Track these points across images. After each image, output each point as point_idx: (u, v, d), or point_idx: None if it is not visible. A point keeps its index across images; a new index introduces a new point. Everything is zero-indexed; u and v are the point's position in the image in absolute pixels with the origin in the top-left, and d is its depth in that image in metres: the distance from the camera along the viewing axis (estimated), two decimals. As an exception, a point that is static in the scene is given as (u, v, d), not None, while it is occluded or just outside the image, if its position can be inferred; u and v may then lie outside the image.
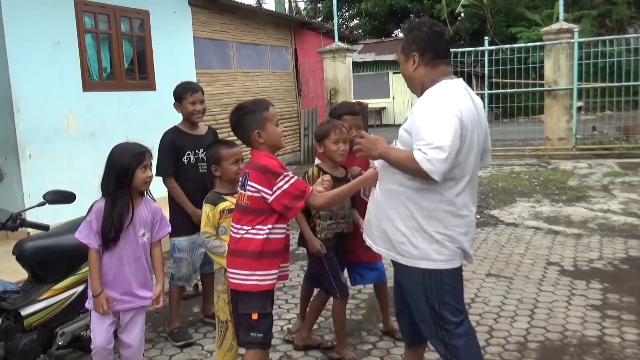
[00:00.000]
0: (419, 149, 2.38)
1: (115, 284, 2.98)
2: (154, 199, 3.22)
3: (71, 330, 3.34)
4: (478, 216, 6.99)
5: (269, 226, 2.72)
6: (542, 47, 11.98)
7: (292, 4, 39.51)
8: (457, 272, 2.64)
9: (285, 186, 2.65)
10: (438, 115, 2.42)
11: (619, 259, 5.32)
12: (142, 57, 7.99)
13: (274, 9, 23.40)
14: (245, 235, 2.74)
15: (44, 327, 3.23)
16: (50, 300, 3.23)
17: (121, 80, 7.57)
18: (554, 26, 11.85)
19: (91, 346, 3.01)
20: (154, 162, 3.37)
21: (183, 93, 4.02)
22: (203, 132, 4.17)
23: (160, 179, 3.98)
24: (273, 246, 2.75)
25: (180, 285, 4.17)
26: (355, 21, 37.57)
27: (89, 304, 3.01)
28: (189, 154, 4.02)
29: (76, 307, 3.31)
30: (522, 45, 12.84)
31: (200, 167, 4.03)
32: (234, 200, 3.22)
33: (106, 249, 2.93)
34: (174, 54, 8.57)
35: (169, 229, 3.24)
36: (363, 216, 3.74)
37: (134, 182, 2.95)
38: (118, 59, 7.49)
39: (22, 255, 3.24)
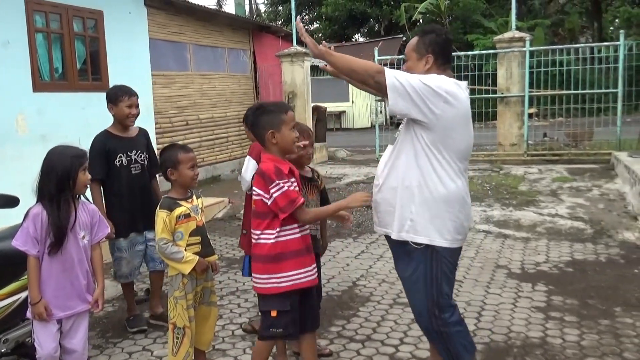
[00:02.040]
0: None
1: (57, 290, 2.93)
2: (89, 201, 3.21)
3: (15, 337, 3.27)
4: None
5: (277, 229, 2.82)
6: (495, 55, 12.27)
7: (253, 6, 39.48)
8: (457, 254, 2.93)
9: (276, 194, 2.76)
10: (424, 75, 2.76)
11: (564, 262, 5.50)
12: (96, 58, 7.86)
13: (234, 11, 23.31)
14: (259, 241, 2.86)
15: (-14, 333, 3.15)
16: (-8, 306, 3.16)
17: (73, 81, 7.43)
18: (507, 35, 12.14)
19: (37, 355, 2.95)
20: None
21: (120, 96, 4.07)
22: (134, 134, 4.24)
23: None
24: (288, 248, 2.83)
25: (128, 282, 4.27)
26: (316, 25, 37.72)
27: (29, 313, 2.95)
28: (120, 157, 4.08)
29: (20, 314, 3.23)
30: (477, 52, 13.12)
31: (133, 169, 4.13)
32: (189, 206, 3.25)
33: (49, 254, 2.88)
34: (129, 55, 8.45)
35: (108, 230, 3.24)
36: (247, 208, 3.94)
37: (77, 184, 2.92)
38: (70, 59, 7.35)
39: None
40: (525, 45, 11.59)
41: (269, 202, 2.78)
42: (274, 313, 2.85)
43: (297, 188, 2.88)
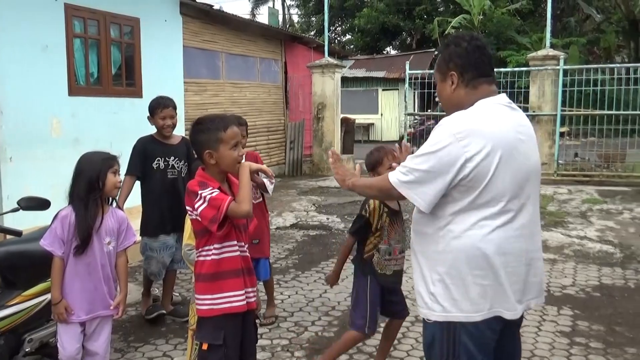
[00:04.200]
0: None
1: (81, 293, 2.98)
2: (120, 208, 3.27)
3: (39, 337, 3.32)
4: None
5: (215, 245, 2.61)
6: (528, 73, 12.15)
7: (286, 16, 39.81)
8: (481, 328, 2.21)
9: (200, 208, 2.51)
10: (430, 139, 2.22)
11: (591, 286, 5.39)
12: (130, 64, 7.99)
13: (267, 21, 23.53)
14: (198, 258, 2.68)
15: (12, 333, 3.21)
16: (19, 306, 3.22)
17: (108, 86, 7.56)
18: (541, 52, 12.03)
19: (59, 356, 3.01)
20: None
21: (156, 108, 4.32)
22: (176, 142, 4.48)
23: (137, 190, 4.39)
24: (225, 267, 2.62)
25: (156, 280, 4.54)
26: (348, 36, 37.86)
27: (53, 314, 3.02)
28: (158, 160, 4.34)
29: (45, 314, 3.29)
30: (509, 70, 13.01)
31: (169, 174, 4.38)
32: None
33: (75, 255, 2.94)
34: (163, 62, 8.58)
35: (135, 239, 3.28)
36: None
37: (106, 185, 2.98)
38: (106, 64, 7.49)
39: (-7, 259, 3.23)
40: (559, 64, 11.45)
41: (199, 218, 2.55)
42: (204, 346, 2.61)
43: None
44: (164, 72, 8.53)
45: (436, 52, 28.28)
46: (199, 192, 2.52)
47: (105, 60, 7.47)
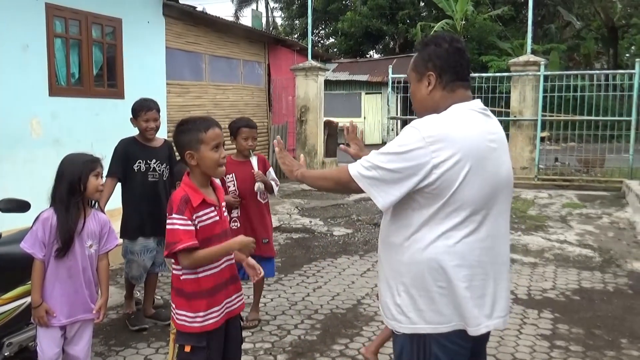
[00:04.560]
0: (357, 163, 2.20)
1: (62, 296, 2.94)
2: (102, 211, 3.23)
3: (19, 341, 3.28)
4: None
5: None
6: (509, 78, 12.28)
7: (270, 19, 39.80)
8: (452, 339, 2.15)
9: (167, 227, 2.52)
10: (398, 137, 2.15)
11: (571, 289, 5.45)
12: (112, 65, 7.94)
13: (250, 24, 23.50)
14: (173, 272, 2.66)
15: (-9, 336, 3.17)
16: (-3, 310, 3.18)
17: (89, 87, 7.50)
18: (522, 58, 12.16)
19: None
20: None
21: (139, 110, 4.30)
22: (158, 144, 4.44)
23: (119, 192, 4.38)
24: (204, 285, 2.58)
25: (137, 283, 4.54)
26: (331, 39, 37.95)
27: (33, 317, 2.97)
28: (140, 162, 4.30)
29: (25, 318, 3.25)
30: (490, 75, 13.13)
31: (150, 176, 4.34)
32: None
33: (56, 259, 2.90)
34: (145, 64, 8.52)
35: (117, 242, 3.24)
36: (257, 218, 4.27)
37: (88, 188, 2.94)
38: (87, 65, 7.42)
39: (-28, 262, 3.18)
40: (540, 70, 11.59)
41: None
42: (187, 348, 2.57)
43: (207, 221, 2.58)
44: (147, 74, 8.48)
45: (414, 51, 28.39)
46: (173, 214, 2.51)
47: (86, 61, 7.41)
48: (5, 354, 3.22)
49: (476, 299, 2.10)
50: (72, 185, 2.91)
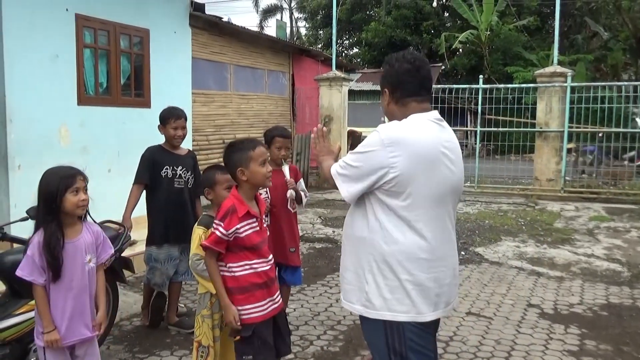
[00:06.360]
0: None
1: (67, 317, 2.79)
2: (95, 222, 3.09)
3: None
4: (463, 253, 7.01)
5: (229, 264, 2.89)
6: (535, 89, 12.16)
7: (294, 29, 40.05)
8: (423, 327, 2.41)
9: (210, 229, 2.91)
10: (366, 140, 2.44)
11: (599, 305, 5.35)
12: (139, 75, 8.04)
13: (275, 34, 23.66)
14: (222, 273, 2.93)
15: (18, 342, 3.21)
16: (26, 315, 3.22)
17: (116, 96, 7.60)
18: (548, 69, 12.03)
19: None
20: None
21: (168, 118, 4.37)
22: (183, 153, 4.54)
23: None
24: (243, 282, 2.89)
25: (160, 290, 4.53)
26: (355, 50, 38.03)
27: (38, 341, 2.81)
28: (167, 169, 4.37)
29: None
30: (516, 86, 13.02)
31: (176, 183, 4.41)
32: None
33: (52, 281, 2.74)
34: (171, 73, 8.62)
35: (112, 251, 3.08)
36: (286, 227, 4.23)
37: (65, 206, 2.73)
38: (115, 75, 7.53)
39: (0, 268, 3.23)
40: (567, 81, 11.46)
41: None
42: (237, 337, 2.92)
43: (249, 231, 2.88)
44: (173, 83, 8.57)
45: (443, 67, 28.44)
46: (218, 219, 2.85)
47: (114, 71, 7.52)
48: (33, 359, 3.26)
49: (421, 291, 2.36)
50: (47, 204, 2.74)
